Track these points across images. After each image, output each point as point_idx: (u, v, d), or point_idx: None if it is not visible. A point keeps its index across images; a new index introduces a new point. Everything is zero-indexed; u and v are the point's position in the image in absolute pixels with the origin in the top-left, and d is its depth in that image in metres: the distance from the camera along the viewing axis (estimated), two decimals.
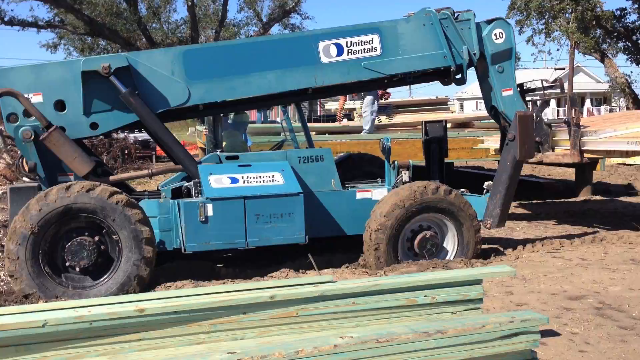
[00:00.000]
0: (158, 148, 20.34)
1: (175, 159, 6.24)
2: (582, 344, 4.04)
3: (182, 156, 6.10)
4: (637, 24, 29.39)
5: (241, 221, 5.65)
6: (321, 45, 6.31)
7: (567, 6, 26.00)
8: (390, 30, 6.50)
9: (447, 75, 6.81)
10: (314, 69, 6.30)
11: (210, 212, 5.58)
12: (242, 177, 5.82)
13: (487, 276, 3.80)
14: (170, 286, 5.52)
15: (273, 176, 5.90)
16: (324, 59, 6.31)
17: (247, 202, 5.66)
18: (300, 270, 6.12)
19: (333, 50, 6.33)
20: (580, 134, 7.18)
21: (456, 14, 6.76)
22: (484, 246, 6.66)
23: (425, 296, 3.46)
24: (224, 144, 8.60)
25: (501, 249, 7.10)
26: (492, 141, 9.48)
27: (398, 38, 6.49)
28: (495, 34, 6.77)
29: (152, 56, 6.13)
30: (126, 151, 19.21)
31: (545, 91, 7.50)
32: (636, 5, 28.80)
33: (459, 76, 6.80)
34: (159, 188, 6.29)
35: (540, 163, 8.54)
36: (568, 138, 7.27)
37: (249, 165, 6.00)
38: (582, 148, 7.24)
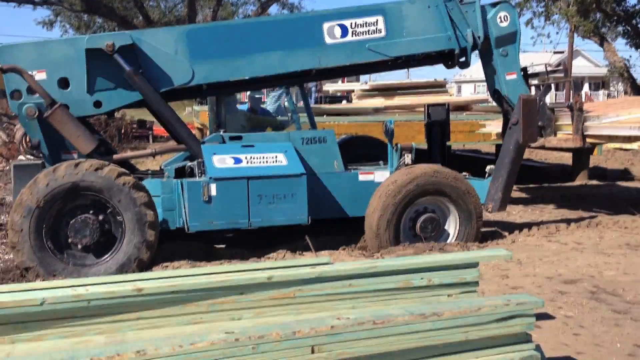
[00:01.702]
0: (155, 127, 20.26)
1: (178, 138, 6.23)
2: (577, 327, 4.08)
3: (186, 136, 6.09)
4: (637, 7, 29.23)
5: (244, 201, 5.67)
6: (325, 26, 6.26)
7: None
8: (395, 11, 6.46)
9: (451, 58, 6.79)
10: (318, 50, 6.26)
11: (213, 192, 5.60)
12: (246, 158, 5.83)
13: (483, 260, 3.81)
14: (167, 266, 5.54)
15: (276, 157, 5.91)
16: (328, 40, 6.27)
17: (250, 183, 5.68)
18: (297, 252, 6.15)
19: (337, 31, 6.28)
20: (583, 119, 7.16)
21: None
22: (482, 229, 6.69)
23: (422, 279, 3.47)
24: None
25: (499, 231, 7.14)
26: (494, 126, 9.46)
27: (403, 20, 6.45)
28: (500, 17, 6.74)
29: (156, 35, 6.09)
30: (123, 130, 19.14)
31: (549, 75, 7.48)
32: None
33: (462, 59, 6.77)
34: (163, 167, 6.29)
35: (542, 147, 8.52)
36: (570, 123, 7.25)
37: (253, 146, 6.01)
38: (585, 133, 7.22)
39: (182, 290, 2.95)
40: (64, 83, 5.76)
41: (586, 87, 55.36)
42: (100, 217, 5.40)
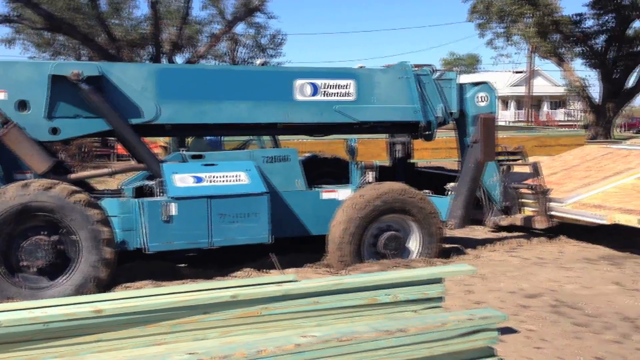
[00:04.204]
0: (118, 146, 19.98)
1: (138, 157, 6.14)
2: (539, 341, 4.13)
3: (145, 154, 6.00)
4: (593, 29, 30.22)
5: (205, 221, 5.60)
6: (297, 82, 6.31)
7: (527, 11, 26.60)
8: (367, 78, 6.59)
9: (416, 129, 6.92)
10: (287, 105, 6.29)
11: (173, 212, 5.51)
12: (207, 177, 5.77)
13: (448, 275, 3.84)
14: (129, 286, 5.43)
15: (238, 176, 5.86)
16: (298, 96, 6.32)
17: (211, 202, 5.62)
18: (263, 270, 6.10)
19: (308, 89, 6.34)
20: (547, 200, 7.29)
21: (439, 72, 6.92)
22: (445, 246, 6.75)
23: (387, 295, 3.49)
24: (188, 142, 8.52)
25: (462, 248, 7.21)
26: None
27: (373, 87, 6.58)
28: (479, 97, 7.03)
29: (126, 69, 6.00)
30: (84, 149, 18.80)
31: (509, 157, 7.70)
32: (593, 11, 29.61)
33: (427, 132, 6.94)
34: (121, 187, 6.18)
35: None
36: (536, 201, 7.36)
37: (214, 165, 5.95)
38: (550, 213, 7.35)
39: (143, 311, 2.90)
40: (23, 106, 5.62)
41: (546, 106, 56.75)
42: (54, 238, 5.25)
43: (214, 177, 5.77)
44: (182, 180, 5.67)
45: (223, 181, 5.77)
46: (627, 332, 4.31)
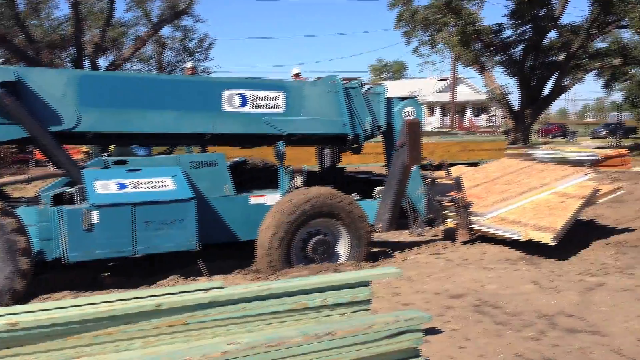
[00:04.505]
0: (37, 152, 19.15)
1: (56, 163, 5.89)
2: (462, 340, 4.26)
3: (64, 160, 5.76)
4: (512, 38, 31.59)
5: (129, 228, 5.44)
6: (226, 93, 6.23)
7: (450, 20, 27.49)
8: (296, 90, 6.60)
9: (344, 142, 7.00)
10: (215, 115, 6.20)
11: (95, 220, 5.32)
12: (131, 183, 5.60)
13: (375, 278, 3.90)
14: (47, 298, 5.20)
15: (164, 181, 5.73)
16: (226, 107, 6.23)
17: (135, 209, 5.46)
18: (191, 277, 5.99)
19: (237, 100, 6.28)
20: (468, 214, 7.55)
21: (367, 86, 7.01)
22: (373, 249, 6.86)
23: (316, 299, 3.50)
24: (111, 148, 8.25)
25: (389, 251, 7.34)
26: None
27: (302, 99, 6.59)
28: (406, 111, 7.17)
29: (44, 75, 5.72)
30: (1, 155, 17.91)
31: (433, 170, 7.92)
32: (512, 21, 30.95)
33: (355, 145, 7.04)
34: (39, 194, 5.91)
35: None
36: (458, 215, 7.61)
37: (139, 170, 5.78)
38: (470, 227, 7.61)
39: (62, 323, 2.78)
40: None
41: (469, 112, 58.80)
42: None
43: (138, 183, 5.61)
44: (104, 187, 5.48)
45: (148, 187, 5.62)
46: (544, 329, 4.50)
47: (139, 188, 5.57)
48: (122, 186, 5.55)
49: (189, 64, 12.13)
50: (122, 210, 5.41)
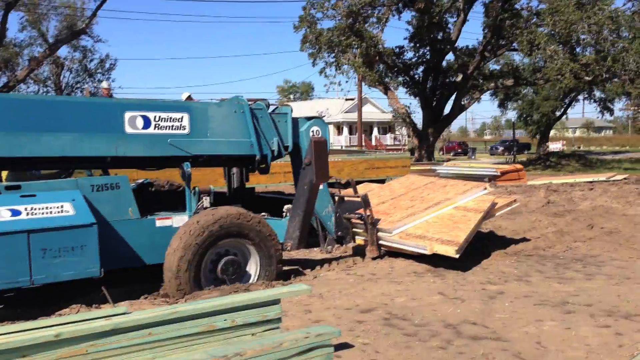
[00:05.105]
0: None
1: None
2: (373, 353, 4.32)
3: None
4: (413, 60, 32.88)
5: (25, 257, 5.13)
6: (127, 115, 6.07)
7: (354, 42, 28.24)
8: (200, 111, 6.53)
9: (252, 162, 7.00)
10: (117, 138, 6.02)
11: None
12: (26, 209, 5.29)
13: (285, 296, 3.89)
14: None
15: (62, 206, 5.45)
16: (128, 129, 6.08)
17: (31, 236, 5.16)
18: (94, 305, 5.74)
19: (140, 122, 6.13)
20: (376, 230, 7.72)
21: (273, 107, 7.05)
22: (285, 268, 6.84)
23: (225, 320, 3.45)
24: (4, 174, 7.78)
25: (300, 269, 7.36)
26: None
27: (208, 121, 6.54)
28: (313, 131, 7.30)
29: None
30: None
31: (340, 189, 8.07)
32: (412, 44, 32.24)
33: (263, 165, 7.06)
34: None
35: None
36: (366, 231, 7.76)
37: (34, 196, 5.47)
38: (380, 242, 7.78)
39: None
40: None
41: (375, 131, 60.39)
42: None
43: (33, 209, 5.31)
44: None
45: (44, 213, 5.33)
46: (450, 338, 4.65)
47: (34, 214, 5.28)
48: (16, 213, 5.23)
49: (104, 84, 11.73)
50: (16, 238, 5.09)
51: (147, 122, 6.17)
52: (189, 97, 12.27)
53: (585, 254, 8.10)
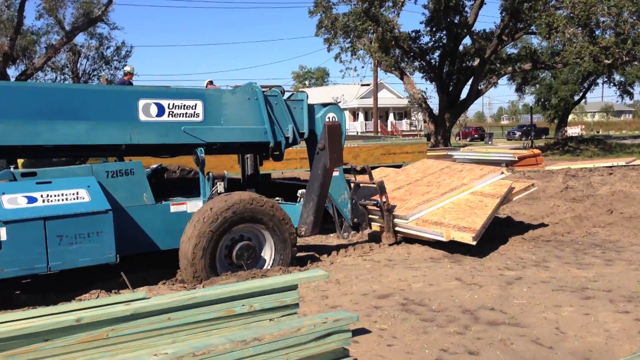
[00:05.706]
0: None
1: None
2: (390, 338, 4.33)
3: None
4: (429, 45, 32.58)
5: (41, 244, 5.18)
6: (141, 102, 6.07)
7: (369, 27, 28.01)
8: (214, 99, 6.51)
9: (266, 149, 6.98)
10: (131, 125, 6.03)
11: (3, 237, 5.03)
12: (42, 196, 5.33)
13: (302, 281, 3.90)
14: None
15: (77, 193, 5.49)
16: (142, 117, 6.08)
17: (47, 223, 5.21)
18: (113, 291, 5.79)
19: (153, 109, 6.13)
20: (393, 217, 7.69)
21: (289, 94, 7.01)
22: (300, 254, 6.86)
23: (243, 305, 3.46)
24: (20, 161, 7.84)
25: (317, 255, 7.37)
26: None
27: (221, 108, 6.52)
28: (329, 117, 7.25)
29: None
30: None
31: (356, 175, 8.03)
32: (428, 28, 31.91)
33: (277, 153, 7.03)
34: None
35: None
36: (382, 218, 7.74)
37: (50, 182, 5.52)
38: (396, 229, 7.74)
39: None
40: None
41: (391, 117, 60.08)
42: None
43: (49, 196, 5.35)
44: (12, 201, 5.18)
45: (60, 200, 5.37)
46: (467, 324, 4.64)
47: (50, 201, 5.32)
48: (32, 200, 5.27)
49: (127, 68, 11.74)
50: (33, 226, 5.14)
51: (161, 110, 6.18)
52: (210, 83, 12.24)
53: (605, 239, 8.02)
